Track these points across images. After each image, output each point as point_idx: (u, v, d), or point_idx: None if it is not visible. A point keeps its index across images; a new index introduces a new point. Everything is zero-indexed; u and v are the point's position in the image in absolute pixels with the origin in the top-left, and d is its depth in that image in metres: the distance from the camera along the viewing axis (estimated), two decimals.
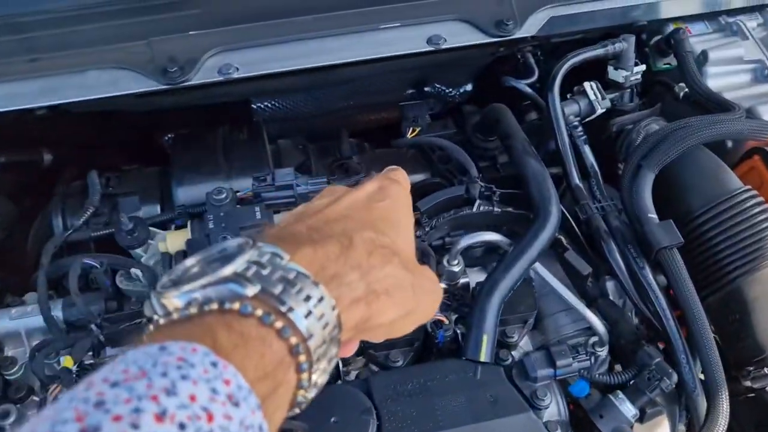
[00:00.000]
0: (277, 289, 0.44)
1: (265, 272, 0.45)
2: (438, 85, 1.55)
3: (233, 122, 1.25)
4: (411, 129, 1.25)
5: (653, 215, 0.98)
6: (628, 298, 1.00)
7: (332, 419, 0.84)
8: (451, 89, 1.55)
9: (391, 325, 0.55)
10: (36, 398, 0.93)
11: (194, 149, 1.16)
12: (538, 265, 1.02)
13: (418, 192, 1.17)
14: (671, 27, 1.27)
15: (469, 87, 1.56)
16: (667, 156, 0.99)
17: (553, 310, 1.07)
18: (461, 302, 0.99)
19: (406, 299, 0.55)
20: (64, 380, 0.86)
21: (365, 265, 0.52)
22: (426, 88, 1.55)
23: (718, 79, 1.21)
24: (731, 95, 1.17)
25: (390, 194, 0.61)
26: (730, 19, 1.29)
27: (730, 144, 1.17)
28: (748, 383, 0.98)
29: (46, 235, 1.11)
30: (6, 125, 1.08)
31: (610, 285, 1.06)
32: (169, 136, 1.37)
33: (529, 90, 1.16)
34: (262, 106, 1.44)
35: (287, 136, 1.43)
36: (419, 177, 1.22)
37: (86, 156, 1.37)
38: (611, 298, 1.06)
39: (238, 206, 0.99)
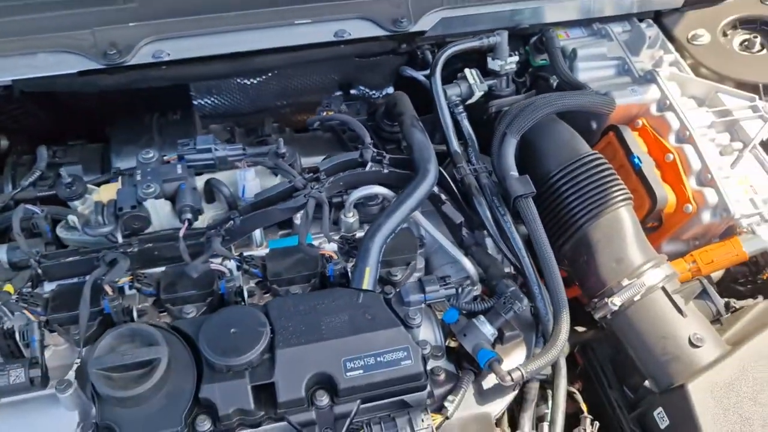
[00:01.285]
0: None
1: None
2: (362, 88, 1.75)
3: (172, 108, 1.43)
4: (325, 111, 1.44)
5: (514, 173, 1.17)
6: (493, 241, 1.18)
7: (232, 330, 1.00)
8: (374, 91, 1.76)
9: None
10: None
11: (132, 127, 1.33)
12: (426, 223, 1.20)
13: None
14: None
15: (390, 89, 1.76)
16: (525, 123, 1.19)
17: (440, 264, 1.25)
18: (353, 246, 1.16)
19: None
20: (3, 300, 1.01)
21: None
22: (352, 91, 1.75)
23: (587, 72, 1.43)
24: (597, 85, 1.38)
25: None
26: (601, 26, 1.52)
27: (594, 125, 1.38)
28: (595, 314, 1.15)
29: None
30: None
31: (489, 240, 1.24)
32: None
33: (421, 77, 1.36)
34: (202, 102, 1.62)
35: None
36: None
37: (38, 143, 1.53)
38: (489, 251, 1.24)
39: (163, 165, 1.16)
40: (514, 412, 1.15)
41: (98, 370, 0.94)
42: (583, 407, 1.19)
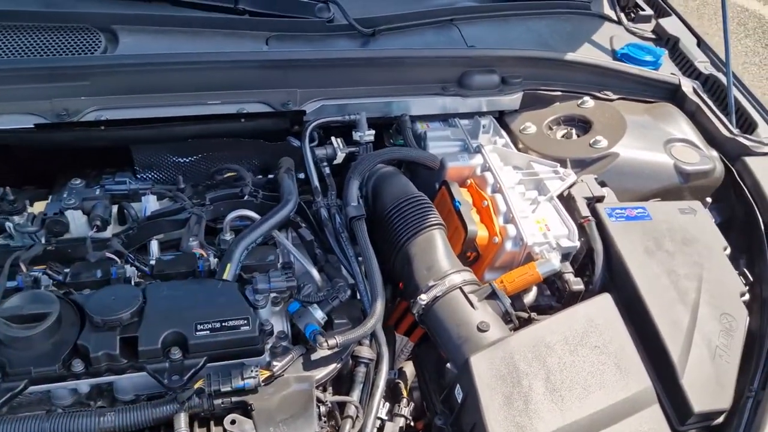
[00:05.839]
0: None
1: None
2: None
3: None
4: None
5: (354, 203, 1.53)
6: (336, 255, 1.51)
7: (112, 298, 1.30)
8: None
9: None
10: None
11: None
12: (285, 241, 1.53)
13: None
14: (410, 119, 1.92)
15: (301, 175, 2.16)
16: (365, 167, 1.58)
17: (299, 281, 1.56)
18: (223, 251, 1.48)
19: None
20: None
21: None
22: (270, 175, 2.15)
23: (436, 150, 1.83)
24: (441, 155, 1.78)
25: None
26: (454, 120, 1.96)
27: (437, 186, 1.76)
28: (412, 311, 1.44)
29: None
30: None
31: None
32: None
33: (297, 142, 1.77)
34: (144, 176, 2.01)
35: None
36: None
37: None
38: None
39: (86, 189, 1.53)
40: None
41: (2, 317, 1.24)
42: (404, 393, 1.44)
